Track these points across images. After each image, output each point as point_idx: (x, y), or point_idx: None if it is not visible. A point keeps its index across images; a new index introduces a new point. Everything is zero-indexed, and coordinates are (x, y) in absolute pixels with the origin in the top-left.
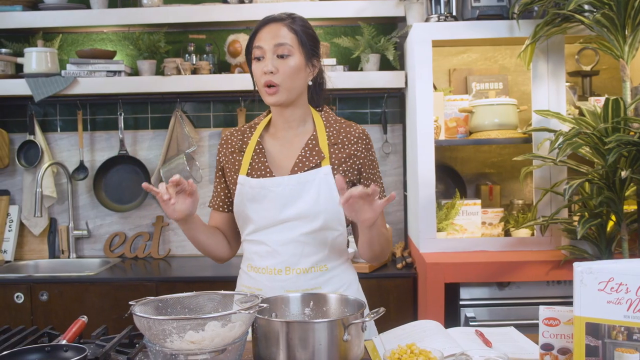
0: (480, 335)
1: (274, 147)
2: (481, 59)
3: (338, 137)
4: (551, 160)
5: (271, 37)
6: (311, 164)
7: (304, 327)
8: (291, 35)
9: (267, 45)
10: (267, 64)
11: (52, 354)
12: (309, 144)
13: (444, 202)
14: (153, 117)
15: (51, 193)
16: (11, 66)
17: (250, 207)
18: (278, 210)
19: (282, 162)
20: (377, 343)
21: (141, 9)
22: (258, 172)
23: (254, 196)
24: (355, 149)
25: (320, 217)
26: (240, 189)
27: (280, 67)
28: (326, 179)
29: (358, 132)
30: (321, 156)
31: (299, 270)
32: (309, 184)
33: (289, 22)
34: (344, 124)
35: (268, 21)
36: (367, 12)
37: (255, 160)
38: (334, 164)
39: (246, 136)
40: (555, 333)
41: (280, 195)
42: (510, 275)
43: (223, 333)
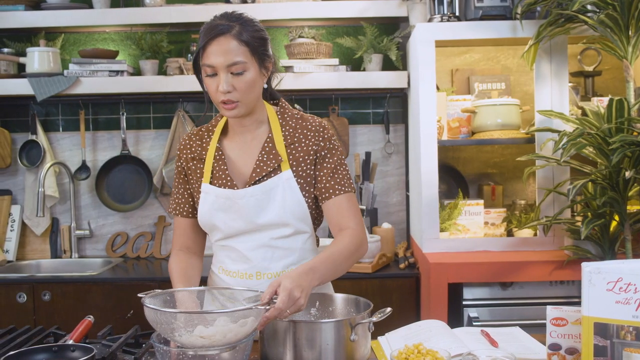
0: (486, 335)
1: (232, 152)
2: (483, 59)
3: (294, 135)
4: (555, 161)
5: (222, 55)
6: (269, 168)
7: (311, 327)
8: (242, 48)
9: (219, 64)
10: (222, 83)
11: (59, 354)
12: (266, 147)
13: (446, 202)
14: (155, 117)
15: (53, 193)
16: (13, 66)
17: (217, 216)
18: (245, 220)
19: (241, 169)
20: (382, 343)
21: (144, 8)
22: (220, 180)
23: (220, 206)
24: (311, 144)
25: (289, 223)
26: (205, 197)
27: (237, 84)
28: (289, 184)
29: (314, 125)
30: (279, 159)
31: (270, 275)
32: (273, 192)
33: (237, 33)
34: (300, 120)
35: (215, 35)
36: (369, 12)
37: (216, 168)
38: (293, 165)
39: (204, 141)
40: (562, 333)
41: (246, 206)
42: (513, 275)
43: (235, 329)
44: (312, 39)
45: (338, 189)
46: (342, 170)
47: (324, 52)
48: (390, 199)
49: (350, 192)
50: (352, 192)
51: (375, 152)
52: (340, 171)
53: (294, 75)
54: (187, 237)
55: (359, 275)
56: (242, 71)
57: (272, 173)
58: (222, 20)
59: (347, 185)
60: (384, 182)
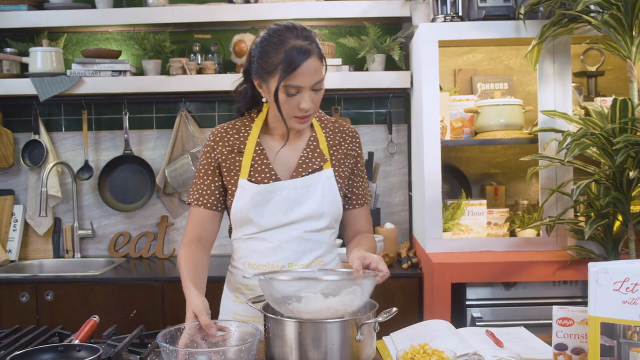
0: (491, 335)
1: (275, 148)
2: (486, 59)
3: (335, 138)
4: (558, 161)
5: (310, 76)
6: (314, 165)
7: (317, 327)
8: (322, 66)
9: (307, 84)
10: (306, 101)
11: (65, 354)
12: (310, 145)
13: (449, 203)
14: (158, 117)
15: (56, 193)
16: (16, 66)
17: (253, 211)
18: (283, 213)
19: (285, 163)
20: (387, 342)
21: (146, 8)
22: (262, 174)
23: (258, 201)
24: (350, 148)
25: (325, 217)
26: (241, 193)
27: (315, 100)
28: (329, 182)
29: (351, 131)
30: (324, 159)
31: (301, 266)
32: (313, 187)
33: (318, 52)
34: (336, 124)
35: (305, 57)
36: (372, 12)
37: (257, 162)
38: (334, 165)
39: (242, 135)
40: (569, 333)
41: (286, 198)
42: (516, 275)
43: (349, 300)
44: None
45: (367, 199)
46: (366, 180)
47: (326, 52)
48: (393, 199)
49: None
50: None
51: (377, 152)
52: (366, 180)
53: None
54: (202, 229)
55: None
56: (320, 87)
57: (316, 170)
58: (304, 41)
59: (369, 196)
60: (387, 182)
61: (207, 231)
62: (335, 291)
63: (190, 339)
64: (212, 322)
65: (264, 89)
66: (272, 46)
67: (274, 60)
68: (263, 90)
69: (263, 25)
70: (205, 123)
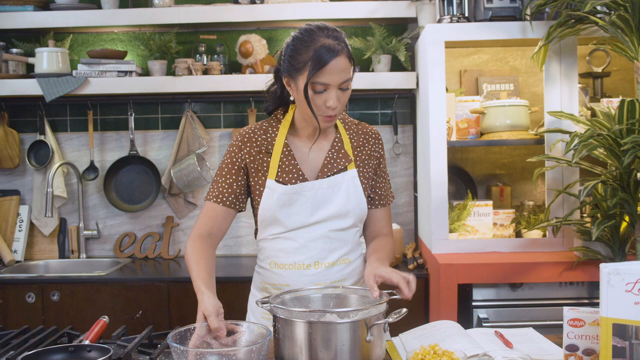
0: (500, 336)
1: (302, 149)
2: (492, 60)
3: (358, 140)
4: (565, 162)
5: (338, 74)
6: (339, 166)
7: (327, 328)
8: (350, 66)
9: (334, 82)
10: (333, 100)
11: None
12: (335, 146)
13: (455, 203)
14: (163, 118)
15: (61, 193)
16: (22, 66)
17: (280, 211)
18: (309, 212)
19: (312, 163)
20: (396, 343)
21: (152, 9)
22: (289, 175)
23: (285, 202)
24: (373, 149)
25: (350, 216)
26: (269, 194)
27: (342, 99)
28: (353, 182)
29: (374, 132)
30: (348, 159)
31: (327, 264)
32: (338, 187)
33: (347, 52)
34: (359, 125)
35: (334, 55)
36: (378, 13)
37: (285, 162)
38: (358, 165)
39: (270, 136)
40: (580, 334)
41: (312, 198)
42: (523, 276)
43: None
44: None
45: (389, 199)
46: (389, 180)
47: None
48: (398, 200)
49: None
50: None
51: None
52: (388, 181)
53: None
54: (214, 224)
55: None
56: (348, 87)
57: (341, 170)
58: (333, 41)
59: (391, 197)
60: (392, 183)
61: (219, 227)
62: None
63: (201, 340)
64: (222, 324)
65: (292, 87)
66: (302, 44)
67: (304, 58)
68: (291, 88)
69: (269, 26)
70: (211, 124)
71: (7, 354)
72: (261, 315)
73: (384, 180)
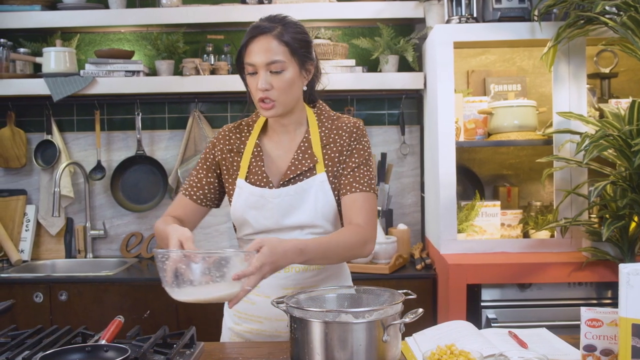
0: (514, 336)
1: (271, 150)
2: (499, 61)
3: (330, 136)
4: (575, 162)
5: (262, 54)
6: (304, 167)
7: (344, 328)
8: (282, 48)
9: (259, 62)
10: (260, 81)
11: (93, 354)
12: (302, 146)
13: (463, 204)
14: (170, 117)
15: (68, 193)
16: (29, 66)
17: (249, 212)
18: (276, 219)
19: (278, 167)
20: (410, 343)
21: (160, 9)
22: (255, 176)
23: (253, 203)
24: (345, 144)
25: (319, 224)
26: (239, 193)
27: (275, 83)
28: (322, 187)
29: (349, 126)
30: (314, 160)
31: (298, 269)
32: (307, 193)
33: (278, 33)
34: (336, 120)
35: (257, 34)
36: (385, 14)
37: (253, 164)
38: (327, 165)
39: (244, 135)
40: (598, 334)
41: (278, 206)
42: (532, 276)
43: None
44: (329, 40)
45: (356, 186)
46: (364, 170)
47: (340, 53)
48: (405, 200)
49: (368, 192)
50: (370, 192)
51: (390, 153)
52: (363, 170)
53: None
54: (183, 213)
55: (377, 276)
56: (281, 70)
57: (307, 172)
58: (265, 22)
59: (366, 185)
60: (399, 183)
61: (188, 218)
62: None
63: (176, 264)
64: (197, 250)
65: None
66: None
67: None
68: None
69: None
70: (218, 123)
71: (23, 353)
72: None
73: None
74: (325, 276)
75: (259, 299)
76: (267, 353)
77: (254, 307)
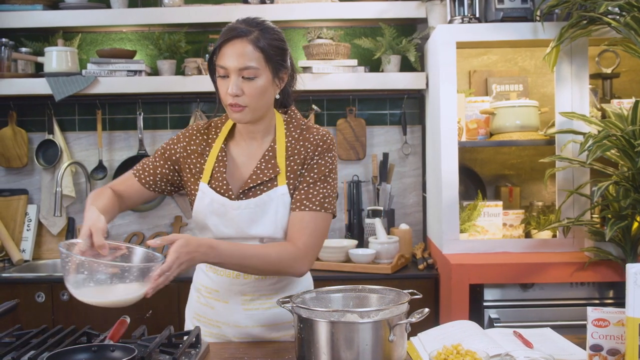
0: (519, 336)
1: (236, 156)
2: (501, 61)
3: (295, 147)
4: (578, 162)
5: (236, 58)
6: (265, 177)
7: (350, 328)
8: (257, 54)
9: (232, 66)
10: (231, 86)
11: (99, 354)
12: (266, 155)
13: (465, 204)
14: (172, 117)
15: (70, 192)
16: (31, 65)
17: (210, 218)
18: (237, 229)
19: (240, 175)
20: (415, 343)
21: (162, 8)
22: (217, 182)
23: (214, 210)
24: (306, 157)
25: (279, 236)
26: (201, 197)
27: (246, 89)
28: (283, 200)
29: (317, 138)
30: (276, 171)
31: (257, 276)
32: (267, 206)
33: (254, 38)
34: (305, 130)
35: (232, 37)
36: (388, 14)
37: (216, 169)
38: (289, 177)
39: (210, 138)
40: (604, 334)
41: (238, 217)
42: (534, 276)
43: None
44: (331, 40)
45: (306, 204)
46: (320, 187)
47: (342, 53)
48: (407, 200)
49: (317, 211)
50: (320, 212)
51: (392, 153)
52: (319, 187)
53: (312, 76)
54: (125, 190)
55: (379, 276)
56: (254, 77)
57: (268, 183)
58: (242, 24)
59: (317, 204)
60: (401, 183)
61: (130, 197)
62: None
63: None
64: (106, 242)
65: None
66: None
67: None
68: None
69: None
70: None
71: (29, 353)
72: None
73: (310, 184)
74: (284, 284)
75: (218, 304)
76: (272, 352)
77: (212, 311)
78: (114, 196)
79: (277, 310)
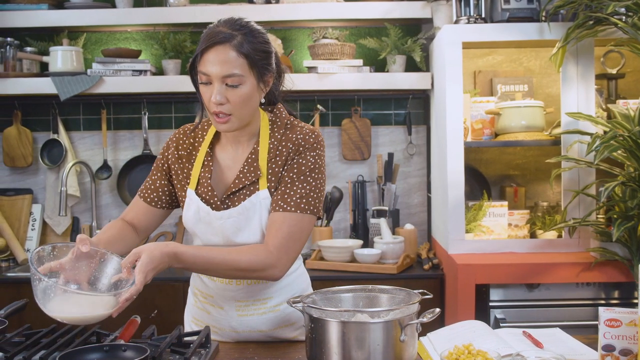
0: (529, 336)
1: (222, 160)
2: (506, 61)
3: (277, 148)
4: (585, 163)
5: (219, 65)
6: (247, 181)
7: (362, 328)
8: (241, 60)
9: (214, 73)
10: (215, 94)
11: (111, 354)
12: (249, 157)
13: (470, 204)
14: (177, 117)
15: (74, 192)
16: (36, 65)
17: (198, 226)
18: (223, 238)
19: (225, 179)
20: (425, 343)
21: (167, 8)
22: (203, 188)
23: (202, 218)
24: (287, 158)
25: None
26: (189, 204)
27: (231, 97)
28: (266, 204)
29: (299, 137)
30: (257, 174)
31: (250, 282)
32: (251, 212)
33: (237, 43)
34: (289, 130)
35: (214, 43)
36: (393, 14)
37: (202, 174)
38: (270, 180)
39: (197, 141)
40: (617, 334)
41: (223, 226)
42: (540, 276)
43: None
44: (336, 39)
45: (281, 205)
46: (299, 186)
47: (347, 53)
48: (412, 200)
49: (293, 212)
50: (296, 213)
51: (397, 153)
52: (296, 187)
53: (318, 76)
54: (135, 216)
55: (385, 276)
56: (238, 84)
57: (250, 187)
58: (224, 28)
59: (294, 205)
60: (405, 183)
61: (141, 222)
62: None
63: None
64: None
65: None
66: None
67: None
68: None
69: (283, 25)
70: None
71: (39, 353)
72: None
73: (288, 185)
74: (279, 287)
75: (213, 310)
76: (282, 353)
77: (209, 316)
78: (124, 226)
79: (272, 315)
